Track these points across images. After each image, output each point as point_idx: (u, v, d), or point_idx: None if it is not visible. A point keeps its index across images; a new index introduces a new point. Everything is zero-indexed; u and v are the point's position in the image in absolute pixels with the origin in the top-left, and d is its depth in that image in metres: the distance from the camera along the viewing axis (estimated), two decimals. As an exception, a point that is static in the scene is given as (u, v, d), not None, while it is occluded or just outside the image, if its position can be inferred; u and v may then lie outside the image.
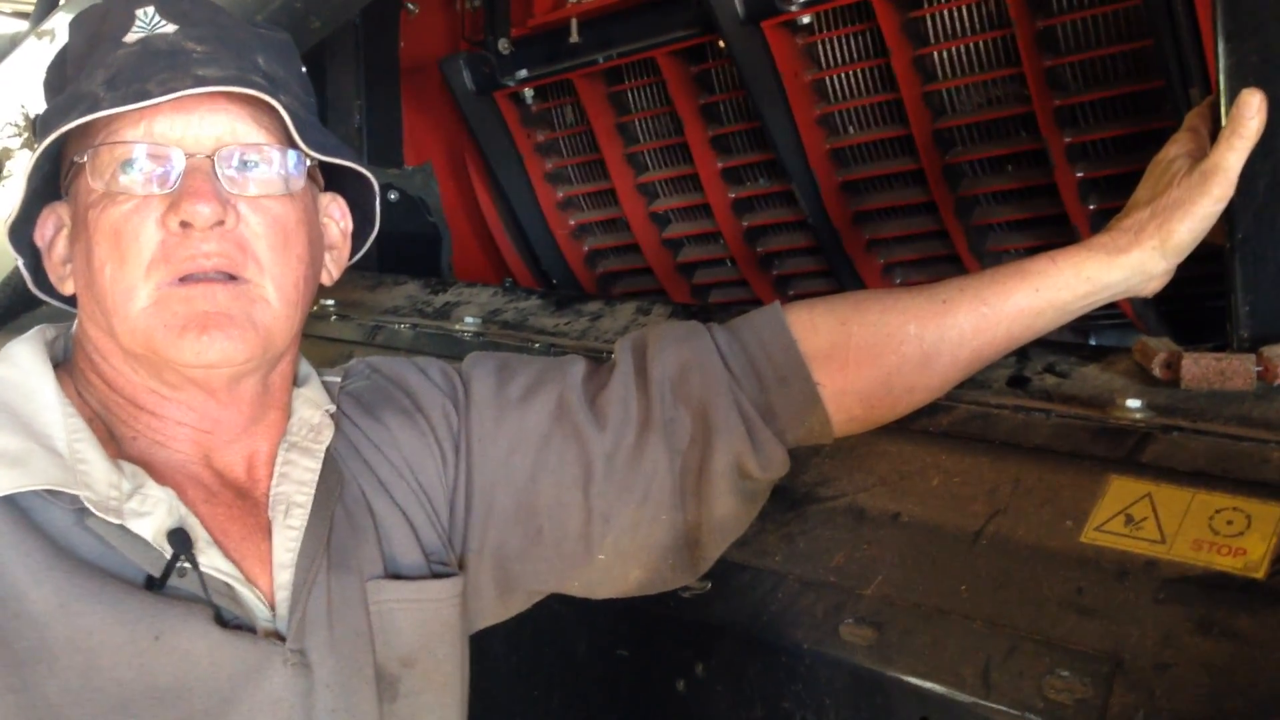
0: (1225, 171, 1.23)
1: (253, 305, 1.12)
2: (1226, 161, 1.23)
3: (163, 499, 1.07)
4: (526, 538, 1.30)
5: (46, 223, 1.19)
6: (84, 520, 1.05)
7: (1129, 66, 1.74)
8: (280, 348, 1.17)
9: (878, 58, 1.96)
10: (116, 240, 1.09)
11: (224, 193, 1.10)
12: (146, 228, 1.09)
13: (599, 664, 1.49)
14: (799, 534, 1.39)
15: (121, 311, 1.09)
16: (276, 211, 1.14)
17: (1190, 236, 1.26)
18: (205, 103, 1.11)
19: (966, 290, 1.30)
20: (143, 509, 1.06)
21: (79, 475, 1.05)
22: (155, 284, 1.09)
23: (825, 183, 2.09)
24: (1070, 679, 1.11)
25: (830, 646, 1.27)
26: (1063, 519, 1.24)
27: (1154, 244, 1.26)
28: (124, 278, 1.09)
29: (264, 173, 1.13)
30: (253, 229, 1.12)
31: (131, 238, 1.09)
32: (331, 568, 1.17)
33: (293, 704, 1.08)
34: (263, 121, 1.14)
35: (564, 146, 2.52)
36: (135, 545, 1.05)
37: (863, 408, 1.32)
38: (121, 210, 1.09)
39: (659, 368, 1.31)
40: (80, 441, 1.08)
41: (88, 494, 1.04)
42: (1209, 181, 1.24)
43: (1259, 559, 1.12)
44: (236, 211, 1.11)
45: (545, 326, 1.95)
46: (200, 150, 1.10)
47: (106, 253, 1.10)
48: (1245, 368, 1.28)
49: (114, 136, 1.10)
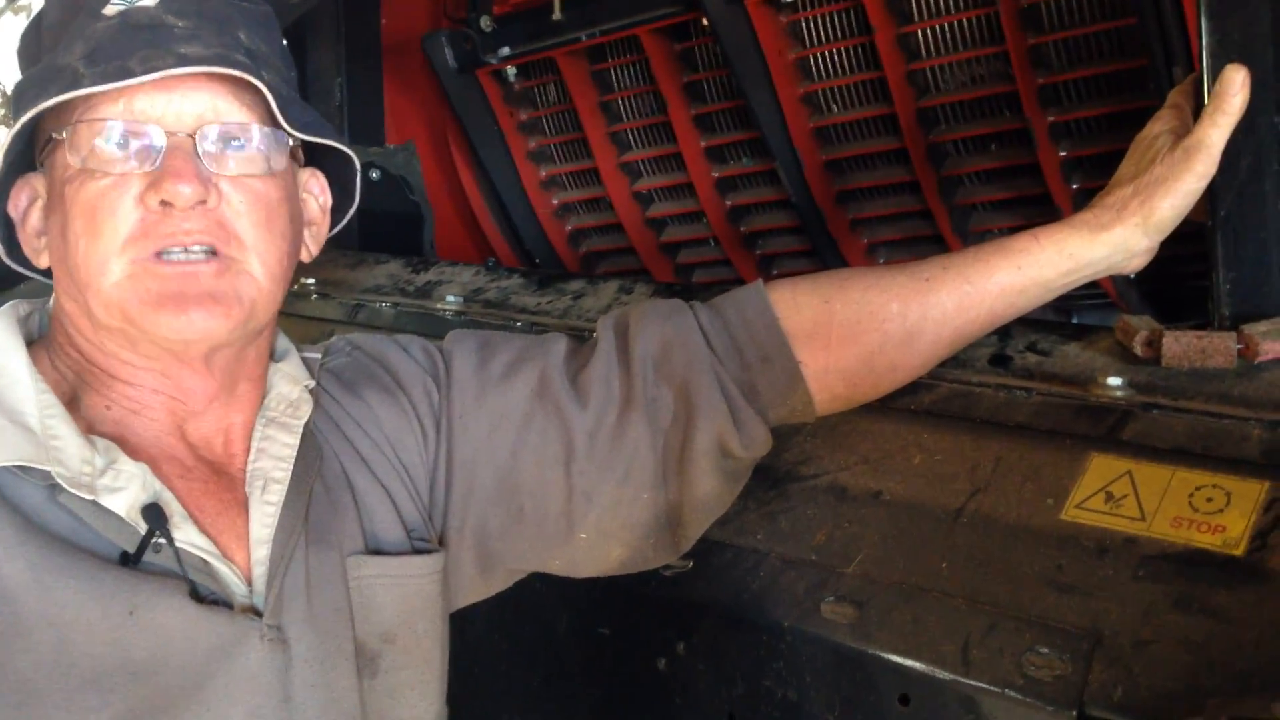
0: (1208, 148, 1.23)
1: (238, 279, 1.11)
2: (1210, 138, 1.23)
3: (136, 474, 1.07)
4: (508, 515, 1.30)
5: (20, 194, 1.18)
6: (56, 496, 1.04)
7: (1112, 45, 1.74)
8: (262, 322, 1.17)
9: (861, 36, 1.95)
10: (93, 216, 1.08)
11: (205, 172, 1.09)
12: (124, 205, 1.08)
13: (580, 643, 1.49)
14: (780, 512, 1.39)
15: (95, 285, 1.09)
16: (259, 190, 1.13)
17: (1173, 213, 1.26)
18: (187, 81, 1.10)
19: (949, 268, 1.30)
20: (116, 484, 1.05)
21: (51, 451, 1.04)
22: (130, 259, 1.08)
23: (809, 162, 2.08)
24: (1050, 656, 1.11)
25: (811, 624, 1.27)
26: (1043, 497, 1.24)
27: (1137, 221, 1.26)
28: (98, 252, 1.08)
29: (246, 151, 1.12)
30: (235, 208, 1.11)
31: (108, 214, 1.08)
32: (310, 543, 1.16)
33: (270, 680, 1.08)
34: (244, 99, 1.12)
35: (547, 125, 2.51)
36: (109, 521, 1.05)
37: (845, 386, 1.32)
38: (99, 186, 1.08)
39: (641, 345, 1.31)
40: (53, 418, 1.07)
41: (60, 470, 1.03)
42: (1192, 158, 1.24)
43: (1238, 536, 1.12)
44: (218, 190, 1.10)
45: (527, 305, 1.95)
46: (181, 129, 1.09)
47: (82, 228, 1.08)
48: (1226, 345, 1.28)
49: (93, 113, 1.09)
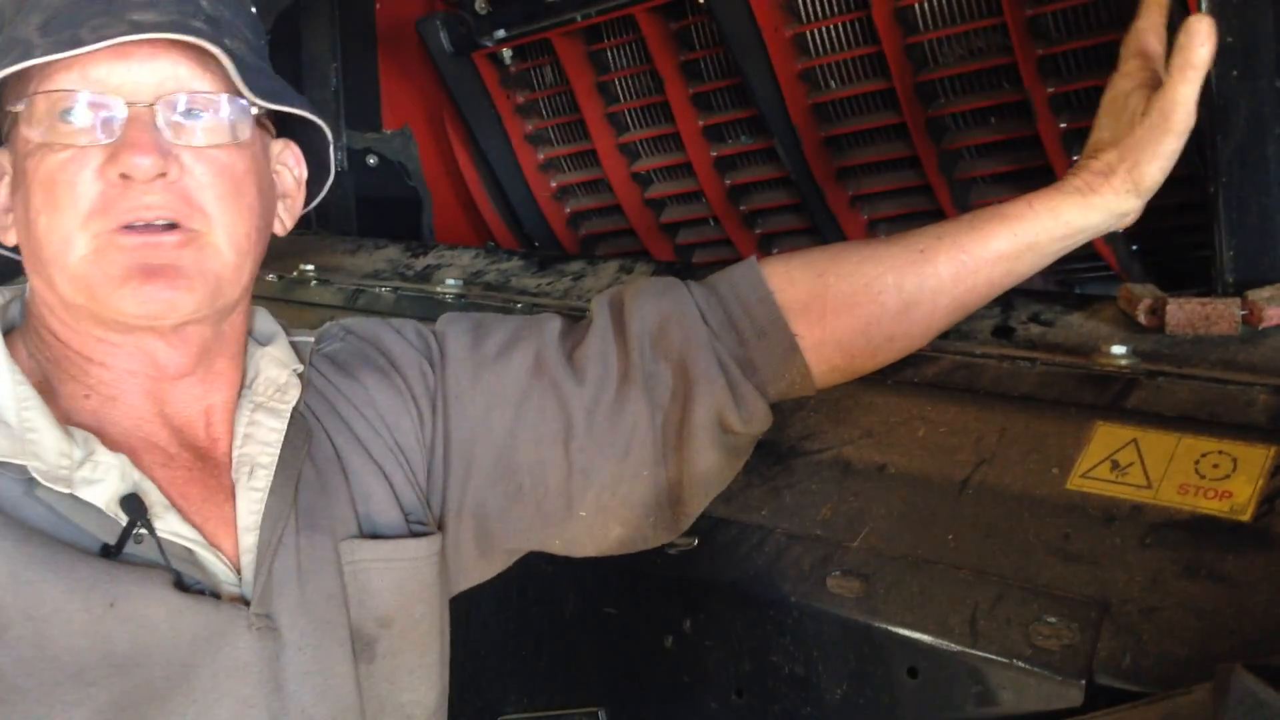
0: (1182, 104, 1.20)
1: (202, 252, 1.09)
2: (1181, 94, 1.19)
3: (114, 465, 1.05)
4: (506, 495, 1.29)
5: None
6: (34, 490, 1.03)
7: (1111, 15, 1.73)
8: (231, 298, 1.14)
9: (858, 10, 1.93)
10: (52, 190, 1.06)
11: (165, 143, 1.06)
12: (84, 177, 1.05)
13: (587, 622, 1.49)
14: (785, 488, 1.38)
15: (59, 261, 1.07)
16: (224, 161, 1.10)
17: (1160, 174, 1.24)
18: (144, 49, 1.07)
19: (944, 238, 1.29)
20: (94, 476, 1.03)
21: (27, 445, 1.03)
22: (93, 233, 1.05)
23: (808, 138, 2.07)
24: (1057, 625, 1.11)
25: (818, 599, 1.26)
26: (1049, 466, 1.24)
27: (1128, 187, 1.25)
28: (59, 227, 1.06)
29: (209, 121, 1.09)
30: (198, 179, 1.09)
31: (67, 188, 1.05)
32: (301, 529, 1.15)
33: (259, 669, 1.07)
34: (208, 67, 1.09)
35: (544, 107, 2.50)
36: (87, 514, 1.03)
37: (843, 358, 1.31)
38: (58, 159, 1.06)
39: (638, 322, 1.30)
40: (29, 410, 1.05)
41: (36, 464, 1.02)
42: (1169, 118, 1.20)
43: (1245, 502, 1.12)
44: (180, 162, 1.07)
45: (527, 287, 1.94)
46: (140, 99, 1.07)
47: (42, 202, 1.06)
48: (1230, 312, 1.28)
49: (49, 84, 1.06)
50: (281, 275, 2.27)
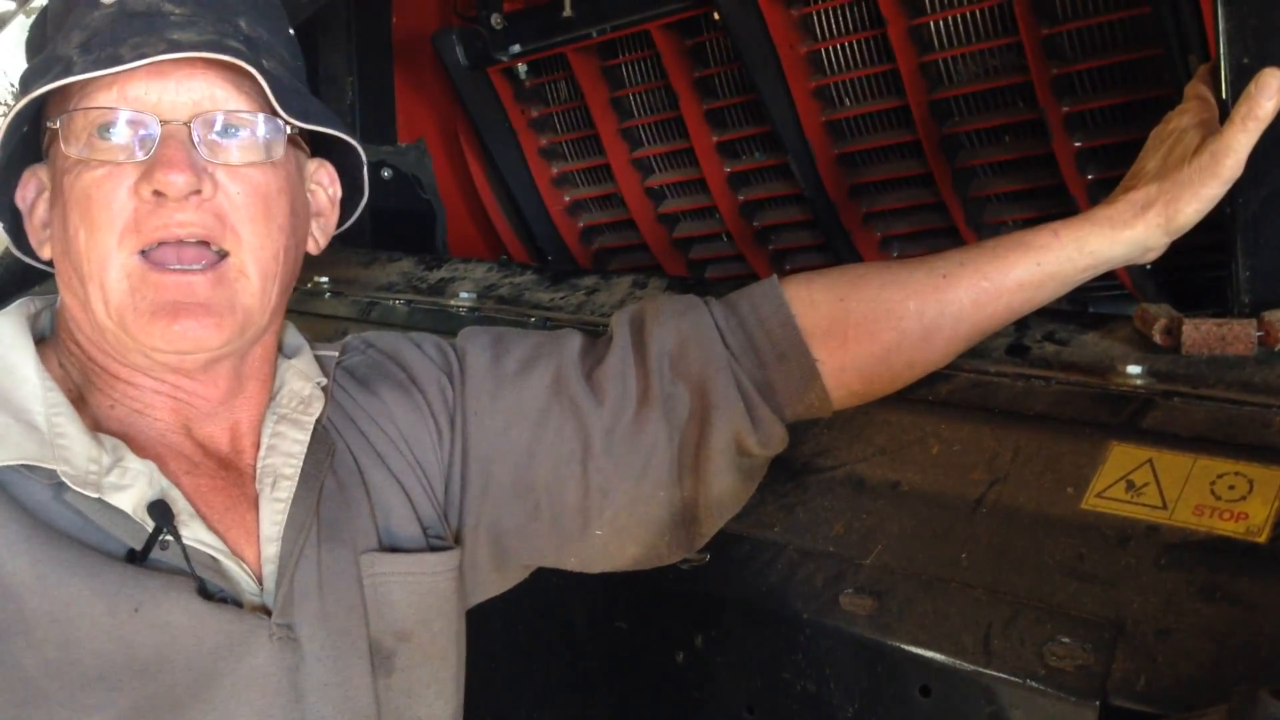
0: (1236, 153, 1.20)
1: (233, 286, 1.10)
2: (1238, 143, 1.20)
3: (143, 471, 1.06)
4: (524, 512, 1.29)
5: (28, 185, 1.17)
6: (63, 494, 1.03)
7: (1126, 34, 1.73)
8: (260, 325, 1.14)
9: (874, 28, 1.94)
10: (88, 206, 1.07)
11: (200, 161, 1.07)
12: (119, 195, 1.06)
13: (598, 637, 1.48)
14: (798, 504, 1.38)
15: (98, 279, 1.07)
16: (257, 180, 1.11)
17: (1196, 217, 1.24)
18: (182, 68, 1.08)
19: (966, 264, 1.28)
20: (122, 482, 1.04)
21: (57, 450, 1.03)
22: (128, 252, 1.07)
23: (822, 155, 2.08)
24: (1072, 645, 1.10)
25: (830, 616, 1.26)
26: (1063, 486, 1.24)
27: (1159, 223, 1.24)
28: (97, 245, 1.07)
29: (243, 140, 1.10)
30: (231, 199, 1.09)
31: (103, 205, 1.06)
32: (322, 540, 1.16)
33: (279, 678, 1.07)
34: (243, 87, 1.10)
35: (558, 122, 2.51)
36: (115, 519, 1.04)
37: (862, 383, 1.31)
38: (94, 176, 1.07)
39: (657, 343, 1.30)
40: (59, 416, 1.06)
41: (65, 469, 1.03)
42: (1220, 163, 1.21)
43: (1261, 523, 1.12)
44: (214, 180, 1.08)
45: (541, 301, 1.94)
46: (176, 117, 1.08)
47: (79, 219, 1.07)
48: (1246, 332, 1.28)
49: (87, 102, 1.08)
50: (296, 287, 2.27)
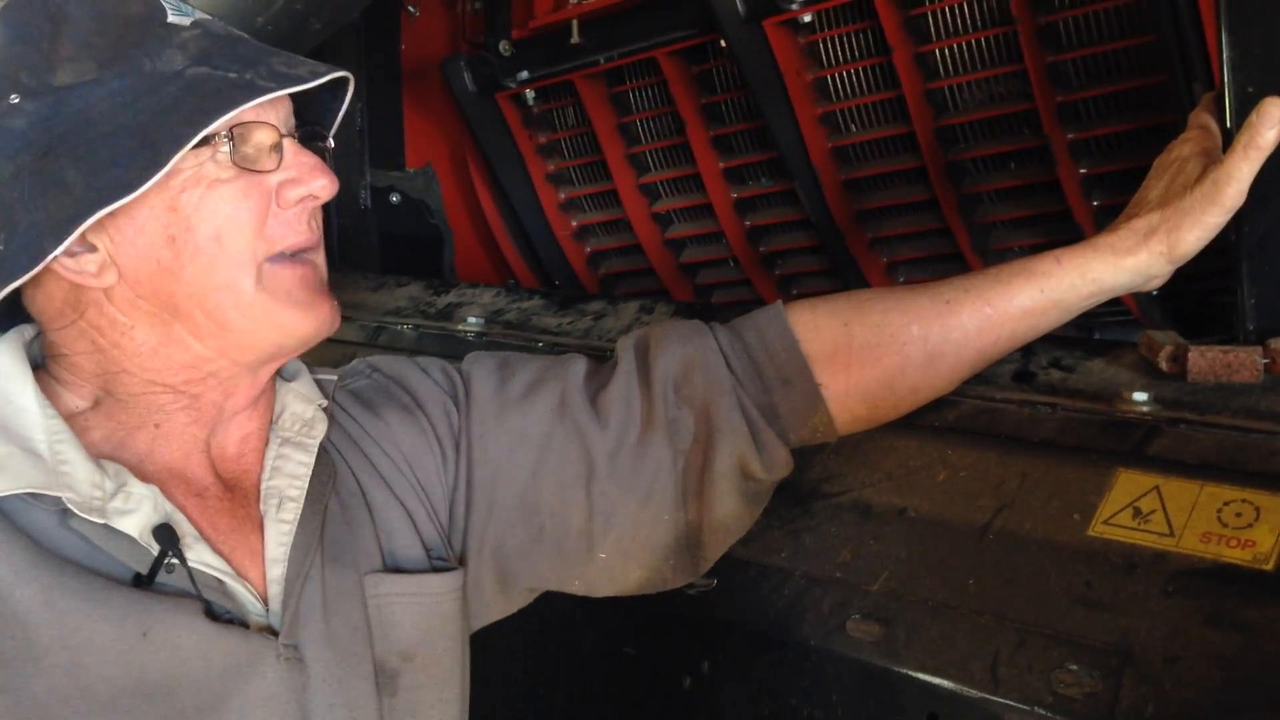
0: (1238, 182, 1.21)
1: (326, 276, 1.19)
2: (1240, 172, 1.20)
3: (147, 495, 1.06)
4: (527, 536, 1.30)
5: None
6: (68, 521, 1.03)
7: (1131, 62, 1.74)
8: None
9: (879, 55, 1.95)
10: (233, 219, 1.08)
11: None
12: (263, 205, 1.10)
13: (605, 661, 1.48)
14: (805, 530, 1.38)
15: (234, 287, 1.09)
16: None
17: (1198, 245, 1.24)
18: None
19: (970, 290, 1.29)
20: (126, 506, 1.05)
21: (60, 477, 1.03)
22: (264, 258, 1.10)
23: (828, 181, 2.09)
24: (1079, 673, 1.10)
25: (837, 643, 1.26)
26: (1070, 513, 1.24)
27: (1161, 250, 1.24)
28: (235, 253, 1.09)
29: (327, 152, 1.18)
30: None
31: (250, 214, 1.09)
32: (326, 562, 1.16)
33: (287, 699, 1.08)
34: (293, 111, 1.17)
35: (566, 148, 2.52)
36: (120, 543, 1.04)
37: (866, 408, 1.32)
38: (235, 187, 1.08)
39: (662, 367, 1.31)
40: (61, 443, 1.06)
41: (70, 495, 1.02)
42: (1221, 192, 1.21)
43: (1268, 550, 1.11)
44: None
45: (548, 326, 1.95)
46: (289, 131, 1.13)
47: (218, 227, 1.08)
48: (1252, 360, 1.28)
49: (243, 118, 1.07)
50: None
